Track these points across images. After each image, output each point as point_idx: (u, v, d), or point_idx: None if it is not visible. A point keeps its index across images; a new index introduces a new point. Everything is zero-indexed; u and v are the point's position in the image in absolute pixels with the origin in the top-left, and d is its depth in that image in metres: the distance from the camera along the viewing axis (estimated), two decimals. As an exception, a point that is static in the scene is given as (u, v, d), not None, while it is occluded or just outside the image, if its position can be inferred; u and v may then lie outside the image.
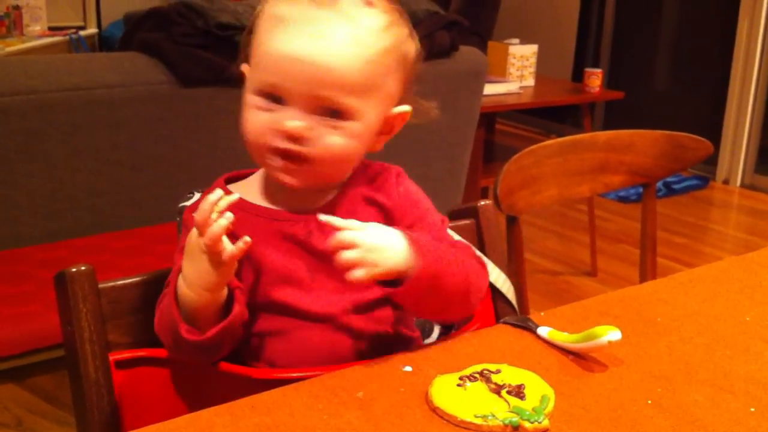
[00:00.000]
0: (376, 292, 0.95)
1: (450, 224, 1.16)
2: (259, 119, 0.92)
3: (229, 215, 0.84)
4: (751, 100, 4.44)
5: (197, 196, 1.00)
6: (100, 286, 0.95)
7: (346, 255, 0.86)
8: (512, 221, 1.47)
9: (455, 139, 2.83)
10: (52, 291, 0.96)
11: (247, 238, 0.85)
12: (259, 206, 0.96)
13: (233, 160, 2.28)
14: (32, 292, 1.96)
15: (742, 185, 4.53)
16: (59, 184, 2.19)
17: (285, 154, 0.91)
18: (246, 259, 0.92)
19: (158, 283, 0.99)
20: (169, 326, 0.90)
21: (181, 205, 0.99)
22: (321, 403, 0.79)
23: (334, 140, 0.91)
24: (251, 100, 0.92)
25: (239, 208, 0.93)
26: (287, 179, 0.93)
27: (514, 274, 1.41)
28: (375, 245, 0.87)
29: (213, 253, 0.85)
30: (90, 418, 0.94)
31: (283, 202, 0.97)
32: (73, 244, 2.20)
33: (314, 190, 0.97)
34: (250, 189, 0.98)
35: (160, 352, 0.96)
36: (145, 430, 0.75)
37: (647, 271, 1.67)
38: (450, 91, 2.73)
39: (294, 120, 0.90)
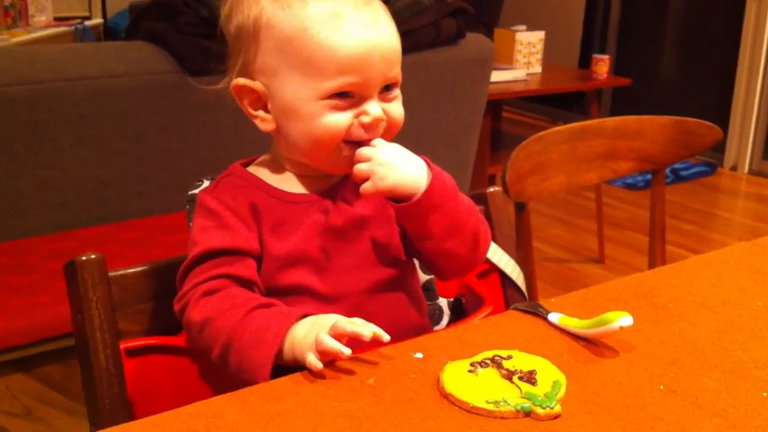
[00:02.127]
0: (390, 273, 0.97)
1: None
2: (338, 120, 0.91)
3: (348, 351, 0.81)
4: (758, 86, 4.42)
5: (206, 183, 1.00)
6: (110, 274, 0.95)
7: (358, 167, 0.90)
8: (521, 208, 1.46)
9: (462, 127, 2.82)
10: (59, 281, 0.96)
11: (347, 351, 0.82)
12: (276, 188, 0.96)
13: (239, 148, 2.28)
14: (40, 282, 1.96)
15: (750, 172, 4.51)
16: (66, 174, 2.19)
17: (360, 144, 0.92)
18: (263, 243, 0.93)
19: (168, 271, 0.99)
20: (239, 349, 0.87)
21: (190, 192, 0.99)
22: (332, 389, 0.79)
23: (397, 109, 0.95)
24: (320, 105, 0.91)
25: (259, 189, 0.95)
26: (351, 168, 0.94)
27: (523, 260, 1.40)
28: (387, 161, 0.91)
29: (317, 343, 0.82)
30: (101, 406, 0.94)
31: (295, 185, 0.97)
32: (80, 234, 2.21)
33: (326, 173, 0.98)
34: (265, 173, 0.99)
35: (171, 340, 0.96)
36: (155, 417, 0.75)
37: (656, 257, 1.67)
38: (456, 79, 2.72)
39: (377, 108, 0.92)
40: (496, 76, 3.15)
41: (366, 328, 0.82)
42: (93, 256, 0.94)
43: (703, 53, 4.87)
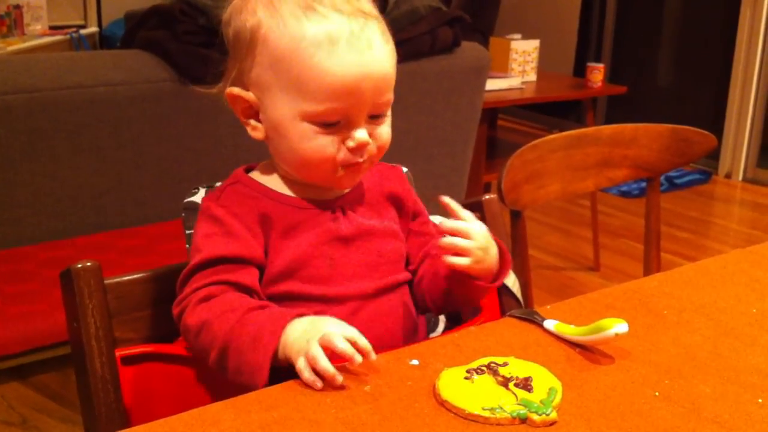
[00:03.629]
0: (389, 280, 0.98)
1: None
2: (326, 144, 0.91)
3: (341, 379, 0.80)
4: (753, 93, 4.44)
5: (202, 191, 1.00)
6: (106, 282, 0.95)
7: (461, 242, 0.92)
8: (516, 216, 1.47)
9: (458, 135, 2.83)
10: (56, 289, 0.96)
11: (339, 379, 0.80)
12: (286, 195, 0.97)
13: (236, 156, 2.28)
14: (36, 290, 1.96)
15: (745, 179, 4.52)
16: (62, 182, 2.19)
17: (351, 165, 0.93)
18: (270, 249, 0.93)
19: (164, 279, 0.99)
20: (236, 352, 0.86)
21: (186, 200, 0.99)
22: (328, 397, 0.79)
23: (383, 131, 0.95)
24: (307, 127, 0.91)
25: (267, 196, 0.95)
26: (347, 184, 0.96)
27: (519, 268, 1.41)
28: (484, 245, 0.94)
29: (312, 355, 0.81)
30: (97, 414, 0.94)
31: (301, 191, 0.97)
32: (77, 242, 2.21)
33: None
34: (270, 179, 0.98)
35: (167, 348, 0.96)
36: (151, 425, 0.75)
37: (651, 265, 1.67)
38: (452, 87, 2.73)
39: (363, 133, 0.91)
40: (492, 84, 3.16)
41: (356, 354, 0.81)
42: (89, 264, 0.94)
43: (698, 61, 4.89)
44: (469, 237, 0.93)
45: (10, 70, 2.09)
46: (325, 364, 0.80)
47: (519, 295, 1.20)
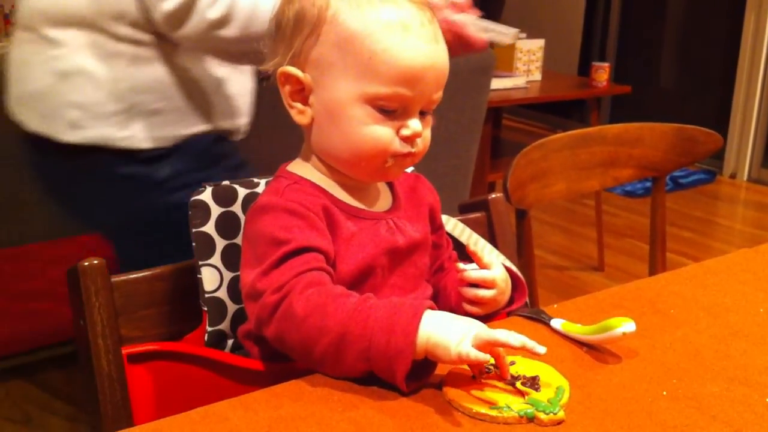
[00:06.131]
0: (420, 294, 0.99)
1: (461, 217, 1.17)
2: (377, 130, 0.90)
3: (518, 342, 0.79)
4: (757, 94, 4.43)
5: (209, 190, 0.99)
6: (113, 280, 0.95)
7: (483, 293, 0.96)
8: (522, 215, 1.46)
9: (462, 134, 2.82)
10: (61, 287, 0.96)
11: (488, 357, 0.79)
12: (344, 202, 0.95)
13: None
14: (41, 288, 1.97)
15: (749, 179, 4.52)
16: (67, 180, 2.19)
17: (401, 156, 0.92)
18: (336, 252, 0.91)
19: (170, 277, 0.99)
20: (362, 337, 0.80)
21: (193, 198, 0.98)
22: (335, 395, 0.79)
23: (427, 135, 0.95)
24: (365, 111, 0.90)
25: (327, 199, 0.93)
26: (393, 176, 0.97)
27: (525, 267, 1.41)
28: (504, 289, 0.96)
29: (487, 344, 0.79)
30: (102, 413, 0.94)
31: (358, 199, 0.96)
32: (82, 240, 2.21)
33: (374, 187, 0.99)
34: (327, 183, 0.96)
35: (173, 346, 0.96)
36: (158, 423, 0.75)
37: (656, 265, 1.67)
38: (457, 86, 2.72)
39: (417, 123, 0.91)
40: (496, 83, 3.16)
41: (515, 340, 0.79)
42: (95, 262, 0.94)
43: (703, 61, 4.88)
44: (492, 287, 0.95)
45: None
46: (475, 354, 0.78)
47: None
